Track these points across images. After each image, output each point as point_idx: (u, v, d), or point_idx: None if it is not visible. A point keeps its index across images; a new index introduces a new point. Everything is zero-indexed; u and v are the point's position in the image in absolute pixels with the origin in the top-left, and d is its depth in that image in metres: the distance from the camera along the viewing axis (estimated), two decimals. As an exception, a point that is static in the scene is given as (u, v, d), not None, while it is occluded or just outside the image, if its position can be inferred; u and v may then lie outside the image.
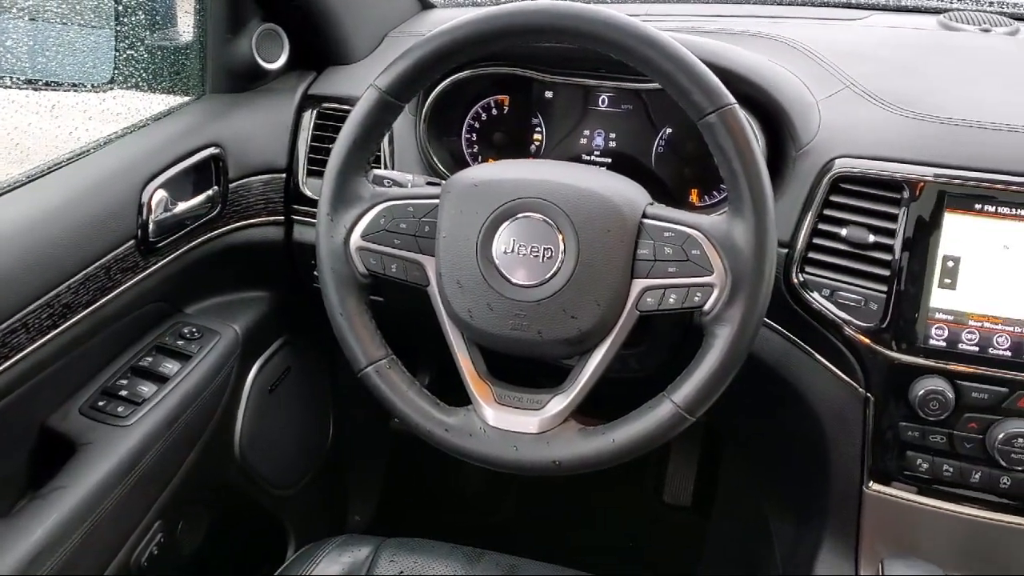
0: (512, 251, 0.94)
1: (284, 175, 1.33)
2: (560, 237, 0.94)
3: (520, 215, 0.95)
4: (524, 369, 1.15)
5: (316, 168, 1.31)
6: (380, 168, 1.24)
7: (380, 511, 1.93)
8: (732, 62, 1.10)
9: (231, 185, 1.30)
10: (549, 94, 1.26)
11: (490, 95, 1.28)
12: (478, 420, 0.98)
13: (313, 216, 1.05)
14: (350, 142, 0.99)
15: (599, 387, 0.97)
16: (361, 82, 1.05)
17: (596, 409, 1.00)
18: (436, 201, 0.99)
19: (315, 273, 1.03)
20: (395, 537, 1.22)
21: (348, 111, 1.00)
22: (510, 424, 0.97)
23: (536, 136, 1.27)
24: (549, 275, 0.94)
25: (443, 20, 0.97)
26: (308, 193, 1.32)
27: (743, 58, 1.12)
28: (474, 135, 1.30)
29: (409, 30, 1.44)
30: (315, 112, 1.33)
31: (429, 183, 1.11)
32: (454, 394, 1.03)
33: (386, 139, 1.26)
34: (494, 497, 2.02)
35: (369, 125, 0.98)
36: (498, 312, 0.95)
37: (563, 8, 0.92)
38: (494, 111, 1.29)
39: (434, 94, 1.24)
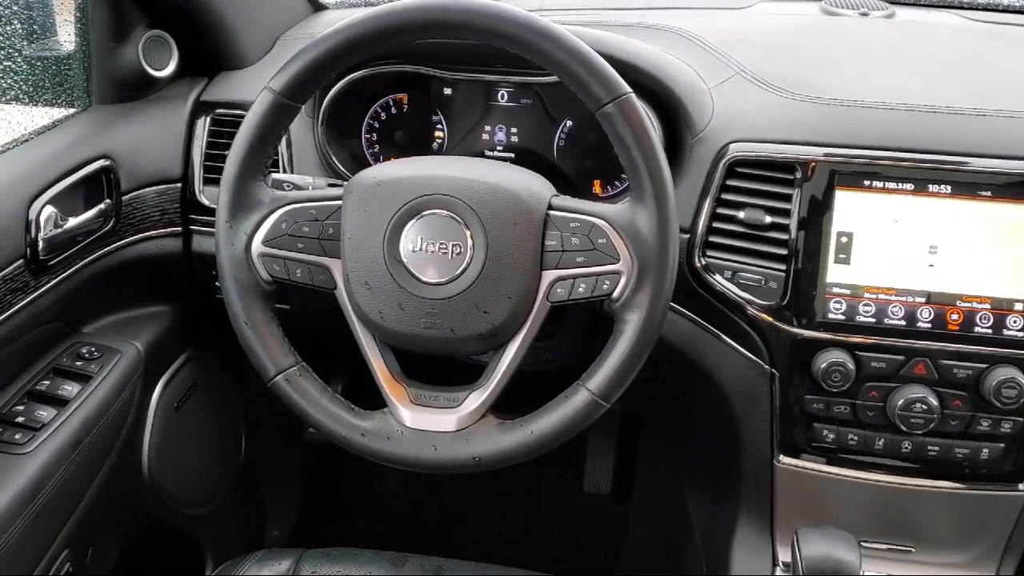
0: (420, 249, 0.94)
1: (179, 185, 1.29)
2: (468, 233, 0.93)
3: (426, 212, 0.94)
4: (439, 368, 1.15)
5: (213, 176, 1.28)
6: (279, 172, 1.22)
7: (300, 523, 1.89)
8: (627, 53, 1.11)
9: (124, 198, 1.25)
10: (448, 91, 1.26)
11: (388, 94, 1.27)
12: (395, 422, 0.97)
13: (212, 225, 1.02)
14: (246, 146, 0.97)
15: (516, 381, 0.97)
16: (255, 86, 1.03)
17: (514, 403, 1.00)
18: (339, 202, 0.97)
19: (217, 283, 1.00)
20: (316, 548, 1.20)
21: (243, 116, 0.97)
22: (427, 424, 0.97)
23: (437, 133, 1.27)
24: (459, 271, 0.93)
25: (336, 21, 0.96)
26: (205, 202, 1.29)
27: (637, 49, 1.14)
28: (374, 135, 1.28)
29: (302, 32, 1.42)
30: (209, 119, 1.29)
31: (331, 185, 1.10)
32: (369, 398, 1.01)
33: (284, 142, 1.24)
34: (416, 499, 2.01)
35: (265, 128, 0.96)
36: (409, 311, 0.94)
37: (458, 4, 0.92)
38: (393, 110, 1.28)
39: (331, 95, 1.23)
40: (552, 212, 0.95)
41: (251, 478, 1.73)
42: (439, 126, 1.27)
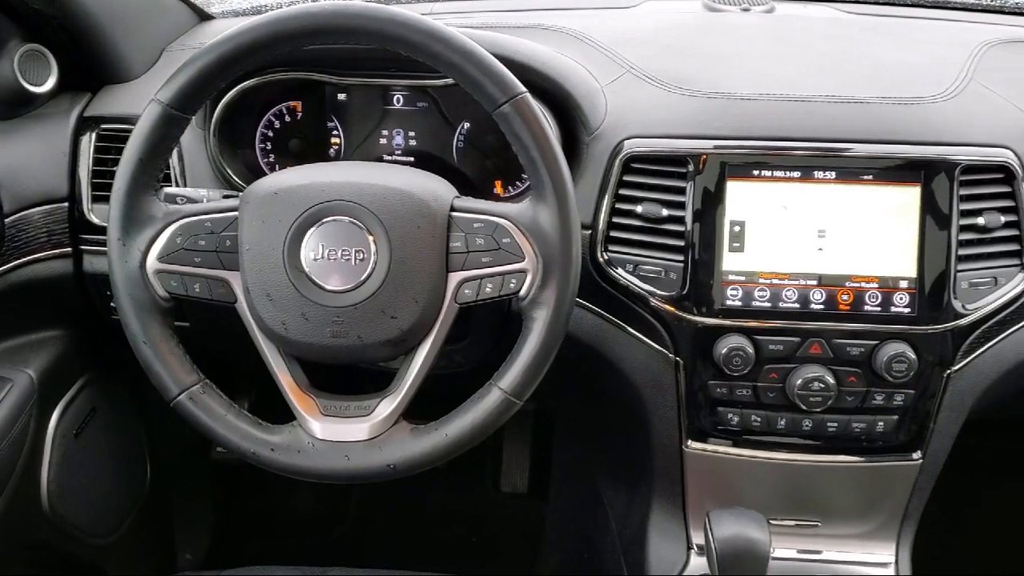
0: (322, 257, 0.93)
1: (66, 204, 1.24)
2: (370, 238, 0.93)
3: (326, 219, 0.93)
4: (349, 377, 1.14)
5: (102, 193, 1.23)
6: (171, 186, 1.18)
7: (213, 545, 1.85)
8: (520, 53, 1.12)
9: (7, 220, 1.20)
10: (343, 96, 1.24)
11: (281, 102, 1.25)
12: (305, 435, 0.96)
13: (103, 244, 0.99)
14: (135, 161, 0.94)
15: (427, 385, 0.97)
16: (141, 99, 1.00)
17: (427, 407, 1.00)
18: (235, 214, 0.96)
19: (112, 304, 0.97)
20: (231, 569, 1.17)
21: (130, 130, 0.95)
22: (339, 434, 0.96)
23: (334, 140, 1.26)
24: (363, 277, 0.93)
25: (223, 30, 0.94)
26: (95, 220, 1.24)
27: (530, 49, 1.15)
28: (269, 144, 1.26)
29: (188, 42, 1.38)
30: (94, 135, 1.25)
31: (226, 196, 1.07)
32: (278, 412, 1.00)
33: (175, 155, 1.20)
34: (332, 511, 1.98)
35: (154, 141, 0.94)
36: (314, 321, 0.93)
37: (350, 8, 0.91)
38: (287, 118, 1.26)
39: (222, 104, 1.20)
40: (455, 214, 0.95)
41: (159, 502, 1.68)
42: (335, 132, 1.26)
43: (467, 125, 1.24)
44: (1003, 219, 1.09)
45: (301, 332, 0.93)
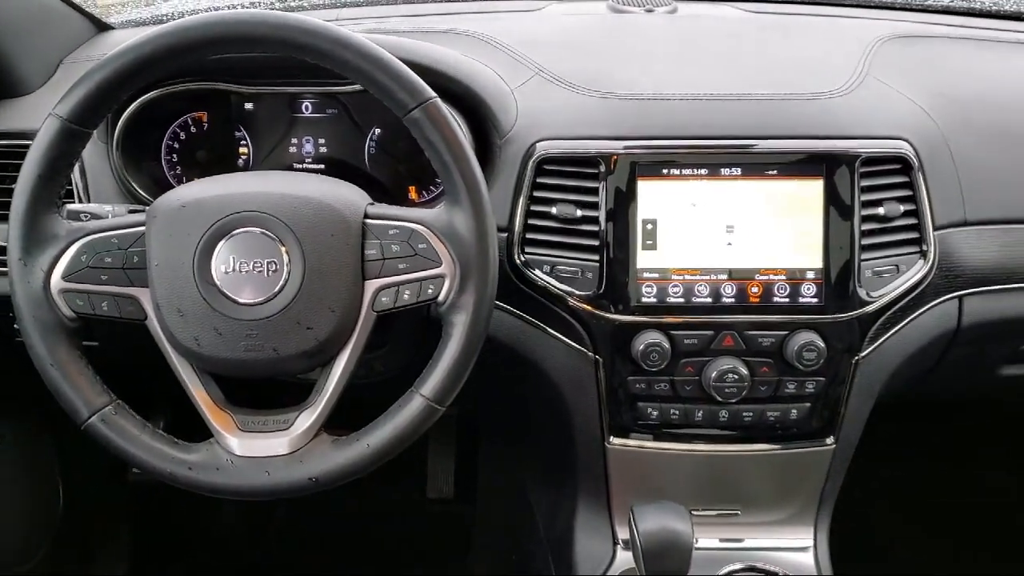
0: (233, 270, 0.91)
1: None
2: (283, 248, 0.92)
3: (236, 231, 0.92)
4: (266, 391, 1.12)
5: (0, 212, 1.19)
6: (74, 202, 1.15)
7: (133, 569, 1.79)
8: (428, 58, 1.12)
9: None
10: (250, 106, 1.22)
11: (186, 112, 1.22)
12: (223, 452, 0.94)
13: (3, 264, 0.95)
14: (34, 178, 0.91)
15: (349, 395, 0.96)
16: (38, 113, 0.97)
17: (349, 418, 0.99)
18: (142, 229, 0.93)
19: (16, 326, 0.94)
20: None
21: (28, 146, 0.91)
22: (258, 450, 0.94)
23: (242, 150, 1.24)
24: (277, 289, 0.91)
25: (122, 41, 0.92)
26: (-6, 240, 1.19)
27: (438, 54, 1.15)
28: (175, 156, 1.23)
29: (87, 54, 1.34)
30: (-10, 151, 1.20)
31: (132, 211, 1.04)
32: (195, 430, 0.97)
33: (77, 170, 1.17)
34: (256, 527, 1.95)
35: (54, 157, 0.91)
36: (228, 335, 0.91)
37: (254, 17, 0.90)
38: (193, 129, 1.23)
39: (124, 117, 1.17)
40: (369, 221, 0.94)
41: (75, 528, 1.62)
42: (243, 142, 1.23)
43: (378, 131, 1.23)
44: (902, 208, 1.14)
45: (215, 347, 0.91)
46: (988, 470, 2.05)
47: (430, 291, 0.94)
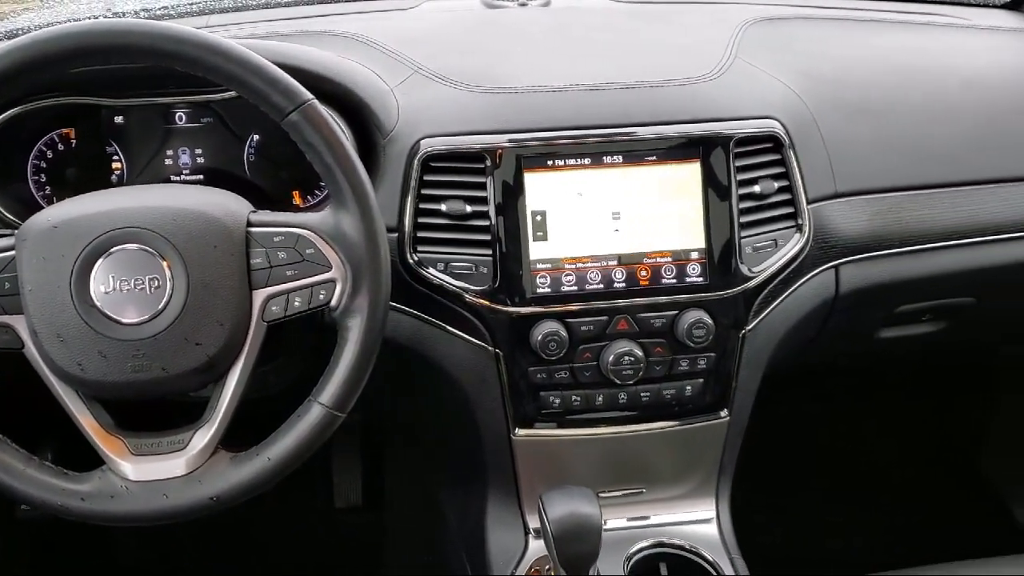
0: (114, 289, 0.88)
1: None
2: (164, 264, 0.89)
3: (114, 249, 0.88)
4: (159, 412, 1.08)
5: None
6: (-67, 231, 1.08)
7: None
8: (303, 60, 1.10)
9: None
10: (120, 119, 1.18)
11: (52, 129, 1.17)
12: (117, 479, 0.91)
13: None
14: None
15: (245, 410, 0.94)
16: None
17: (250, 432, 0.97)
18: (11, 253, 0.89)
19: None
20: None
21: None
22: (154, 473, 0.91)
23: (115, 165, 1.19)
24: (161, 306, 0.89)
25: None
26: None
27: (313, 55, 1.13)
28: (43, 176, 1.17)
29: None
30: None
31: None
32: (86, 459, 0.94)
33: (-66, 197, 1.10)
34: (159, 553, 1.88)
35: None
36: (113, 358, 0.88)
37: (118, 26, 0.87)
38: (61, 146, 1.18)
39: (-17, 138, 1.11)
40: (253, 229, 0.92)
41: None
42: (115, 157, 1.19)
43: (256, 137, 1.20)
44: (776, 185, 1.18)
45: (99, 371, 0.88)
46: (870, 431, 2.16)
47: (321, 297, 0.93)
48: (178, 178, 1.20)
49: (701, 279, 1.15)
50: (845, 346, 1.48)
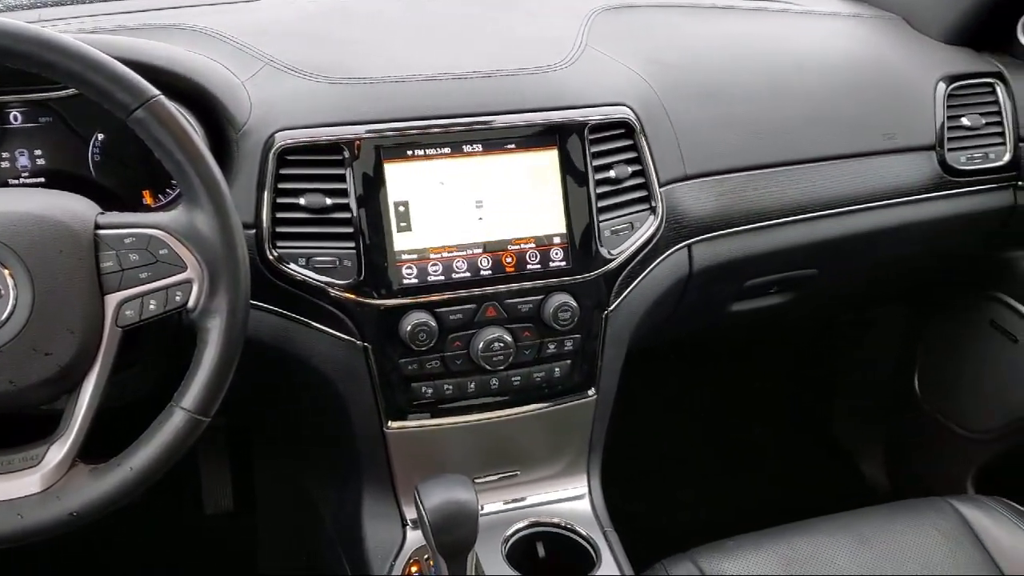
0: None
1: None
2: (5, 272, 0.84)
3: None
4: (9, 427, 1.02)
5: None
6: None
7: None
8: (148, 55, 1.06)
9: None
10: None
11: None
12: (-35, 501, 0.86)
13: None
14: None
15: (104, 420, 0.90)
16: None
17: (110, 443, 0.93)
18: None
19: None
20: None
21: None
22: (6, 492, 0.87)
23: (-56, 170, 1.11)
24: (4, 316, 0.84)
25: None
26: None
27: (158, 50, 1.09)
28: None
29: None
30: None
31: None
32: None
33: None
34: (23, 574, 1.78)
35: None
36: None
37: None
38: None
39: None
40: (101, 232, 0.89)
41: None
42: None
43: (101, 136, 1.15)
44: (630, 170, 1.22)
45: (-63, 390, 0.83)
46: (729, 398, 2.27)
47: (178, 298, 0.90)
48: (17, 182, 1.13)
49: (564, 263, 1.18)
50: (700, 321, 1.55)
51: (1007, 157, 1.56)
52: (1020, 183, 1.57)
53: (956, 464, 1.86)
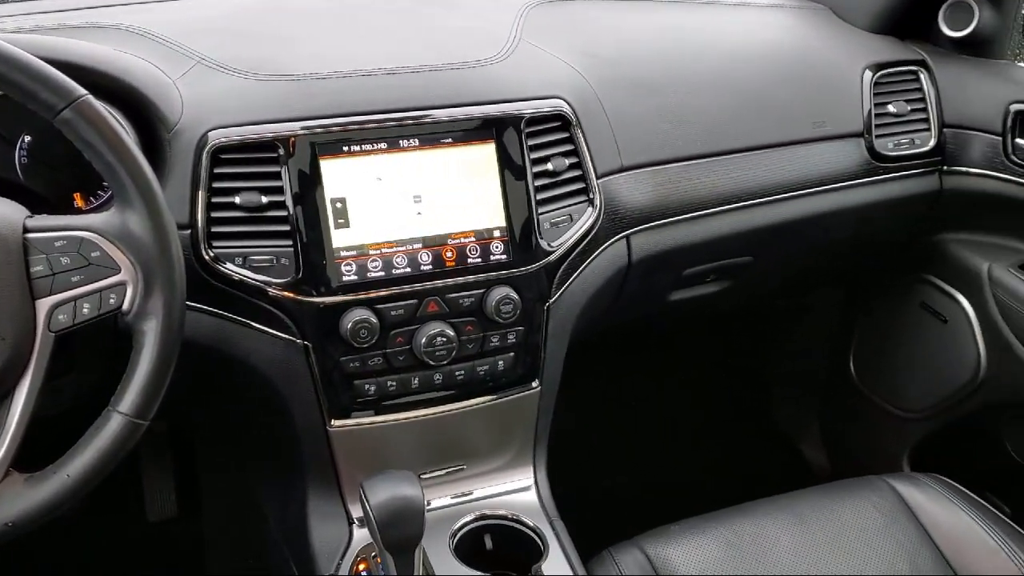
0: None
1: None
2: (-70, 280, 0.82)
3: None
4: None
5: None
6: None
7: None
8: (74, 55, 1.04)
9: None
10: None
11: None
12: None
13: None
14: None
15: (39, 428, 0.88)
16: None
17: (46, 450, 0.91)
18: None
19: None
20: None
21: None
22: None
23: None
24: None
25: None
26: None
27: (85, 49, 1.07)
28: None
29: None
30: None
31: None
32: None
33: None
34: None
35: None
36: None
37: None
38: None
39: None
40: (30, 235, 0.87)
41: None
42: None
43: (28, 138, 1.12)
44: (567, 162, 1.23)
45: None
46: (671, 386, 2.30)
47: (112, 301, 0.89)
48: (-62, 186, 1.10)
49: (505, 256, 1.19)
50: (640, 310, 1.57)
51: (932, 143, 1.60)
52: (945, 168, 1.62)
53: (892, 443, 1.91)
